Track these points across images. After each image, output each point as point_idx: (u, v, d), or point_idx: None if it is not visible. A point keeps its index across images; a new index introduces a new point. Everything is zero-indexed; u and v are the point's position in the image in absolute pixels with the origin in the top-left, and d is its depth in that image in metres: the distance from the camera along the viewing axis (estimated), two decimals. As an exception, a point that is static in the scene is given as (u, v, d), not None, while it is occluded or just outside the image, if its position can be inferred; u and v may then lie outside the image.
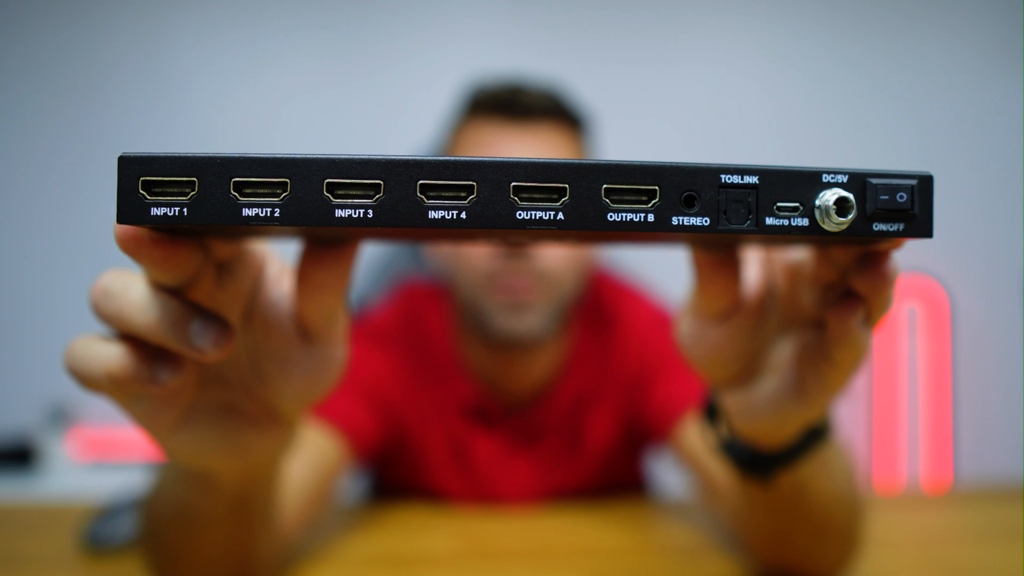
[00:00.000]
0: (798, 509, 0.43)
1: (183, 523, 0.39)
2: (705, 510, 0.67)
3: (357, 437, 0.66)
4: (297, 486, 0.52)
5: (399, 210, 0.23)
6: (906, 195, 0.24)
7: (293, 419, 0.35)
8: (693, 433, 0.63)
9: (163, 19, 1.50)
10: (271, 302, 0.32)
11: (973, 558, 0.58)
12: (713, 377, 0.37)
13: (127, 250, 0.25)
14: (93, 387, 0.28)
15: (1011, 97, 1.62)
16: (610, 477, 0.78)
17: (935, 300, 1.57)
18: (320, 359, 0.33)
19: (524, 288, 0.69)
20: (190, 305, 0.28)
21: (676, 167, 0.24)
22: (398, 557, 0.56)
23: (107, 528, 0.56)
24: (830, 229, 0.24)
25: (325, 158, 0.23)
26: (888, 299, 0.29)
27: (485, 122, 0.72)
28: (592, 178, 0.23)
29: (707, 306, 0.33)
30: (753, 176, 0.24)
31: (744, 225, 0.24)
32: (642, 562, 0.56)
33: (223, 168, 0.23)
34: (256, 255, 0.32)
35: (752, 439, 0.38)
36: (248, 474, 0.36)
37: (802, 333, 0.34)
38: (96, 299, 0.28)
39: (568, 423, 0.77)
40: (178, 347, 0.27)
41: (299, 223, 0.23)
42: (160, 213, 0.23)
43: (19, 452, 1.40)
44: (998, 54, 1.62)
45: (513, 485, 0.75)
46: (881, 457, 1.55)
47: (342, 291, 0.30)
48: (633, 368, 0.76)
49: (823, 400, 0.34)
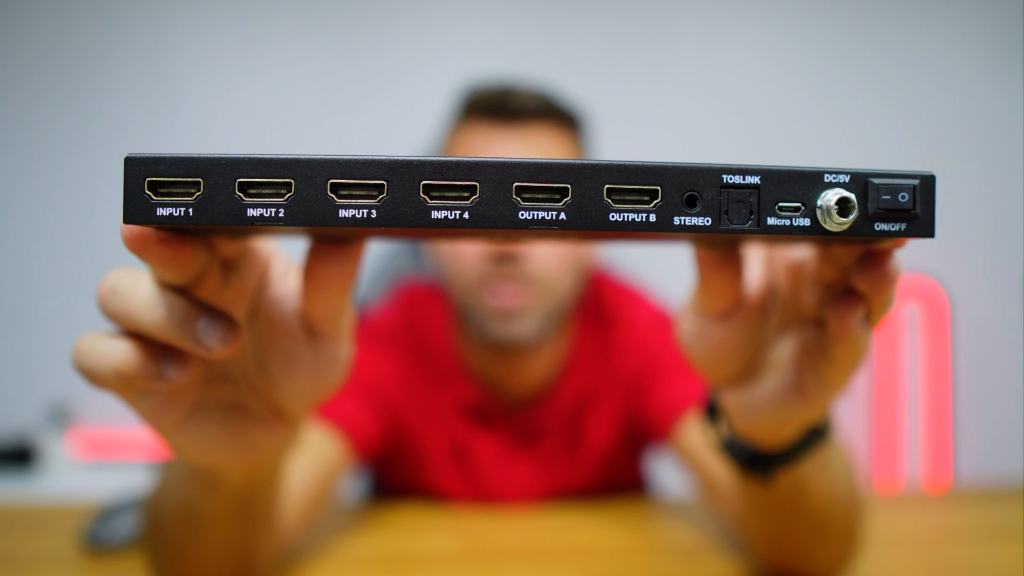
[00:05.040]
0: (798, 509, 0.43)
1: (186, 522, 0.39)
2: (705, 510, 0.67)
3: (358, 437, 0.66)
4: (298, 486, 0.52)
5: (402, 210, 0.23)
6: (908, 195, 0.24)
7: (298, 417, 0.35)
8: (693, 433, 0.63)
9: (168, 21, 1.50)
10: (277, 300, 0.32)
11: (973, 558, 0.58)
12: (714, 376, 0.37)
13: (134, 249, 0.25)
14: (100, 384, 0.28)
15: (1012, 97, 1.62)
16: (610, 477, 0.78)
17: (935, 300, 1.57)
18: (326, 357, 0.33)
19: (515, 294, 0.69)
20: (196, 303, 0.28)
21: (678, 167, 0.24)
22: (398, 557, 0.56)
23: (107, 528, 0.56)
24: (832, 229, 0.24)
25: (329, 159, 0.23)
26: (889, 298, 0.29)
27: (477, 124, 0.73)
28: (594, 178, 0.23)
29: (709, 304, 0.33)
30: (755, 176, 0.24)
31: (746, 225, 0.24)
32: (642, 562, 0.56)
33: (228, 169, 0.23)
34: (262, 253, 0.32)
35: (752, 438, 0.39)
36: (252, 472, 0.36)
37: (803, 332, 0.34)
38: (103, 297, 0.28)
39: (568, 423, 0.77)
40: (185, 344, 0.27)
41: (303, 223, 0.23)
42: (166, 213, 0.23)
43: (19, 452, 1.40)
44: (999, 54, 1.63)
45: (513, 485, 0.75)
46: (881, 457, 1.55)
47: (348, 289, 0.31)
48: (633, 368, 0.76)
49: (823, 399, 0.34)
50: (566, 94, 0.77)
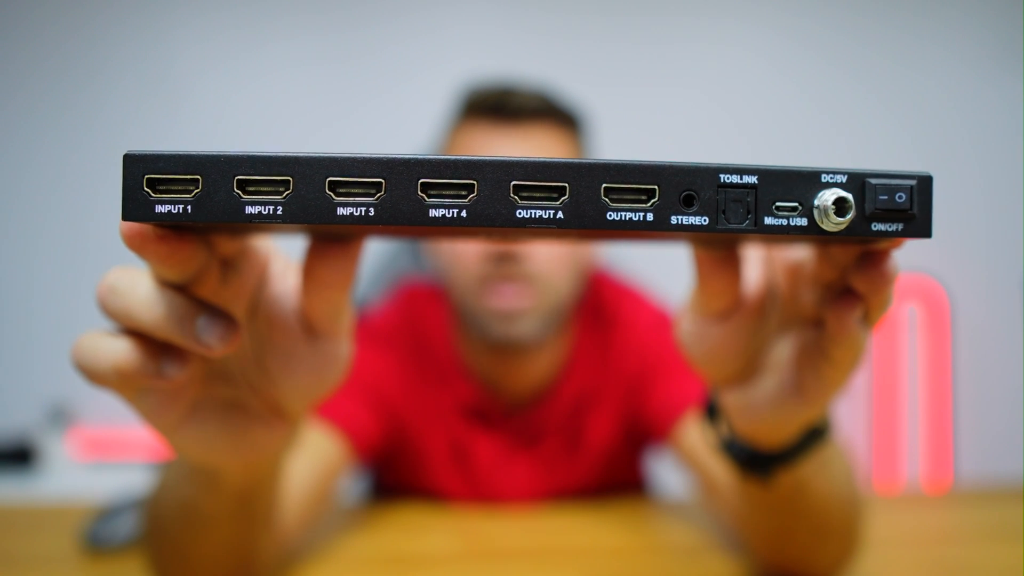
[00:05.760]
0: (798, 509, 0.43)
1: (187, 521, 0.39)
2: (705, 510, 0.67)
3: (358, 437, 0.66)
4: (298, 486, 0.52)
5: (400, 208, 0.23)
6: (905, 195, 0.24)
7: (298, 416, 0.35)
8: (693, 433, 0.63)
9: (166, 19, 1.50)
10: (276, 298, 0.32)
11: (973, 558, 0.58)
12: (713, 376, 0.37)
13: (133, 247, 0.25)
14: (100, 382, 0.28)
15: (1011, 96, 1.62)
16: (610, 477, 0.78)
17: (935, 300, 1.57)
18: (325, 356, 0.33)
19: (515, 295, 0.69)
20: (196, 301, 0.28)
21: (675, 167, 0.24)
22: (398, 557, 0.56)
23: (107, 528, 0.56)
24: (829, 229, 0.24)
25: (327, 157, 0.23)
26: (887, 298, 0.29)
27: (476, 124, 0.73)
28: (592, 177, 0.23)
29: (708, 304, 0.33)
30: (752, 176, 0.24)
31: (743, 225, 0.24)
32: (642, 562, 0.56)
33: (227, 166, 0.23)
34: (261, 251, 0.32)
35: (752, 438, 0.39)
36: (252, 471, 0.37)
37: (802, 332, 0.34)
38: (103, 296, 0.28)
39: (568, 423, 0.77)
40: (184, 342, 0.27)
41: (301, 221, 0.23)
42: (165, 210, 0.23)
43: (19, 452, 1.40)
44: (998, 53, 1.63)
45: (513, 485, 0.75)
46: (881, 457, 1.55)
47: (348, 287, 0.31)
48: (633, 368, 0.76)
49: (822, 399, 0.34)
50: (566, 94, 0.77)
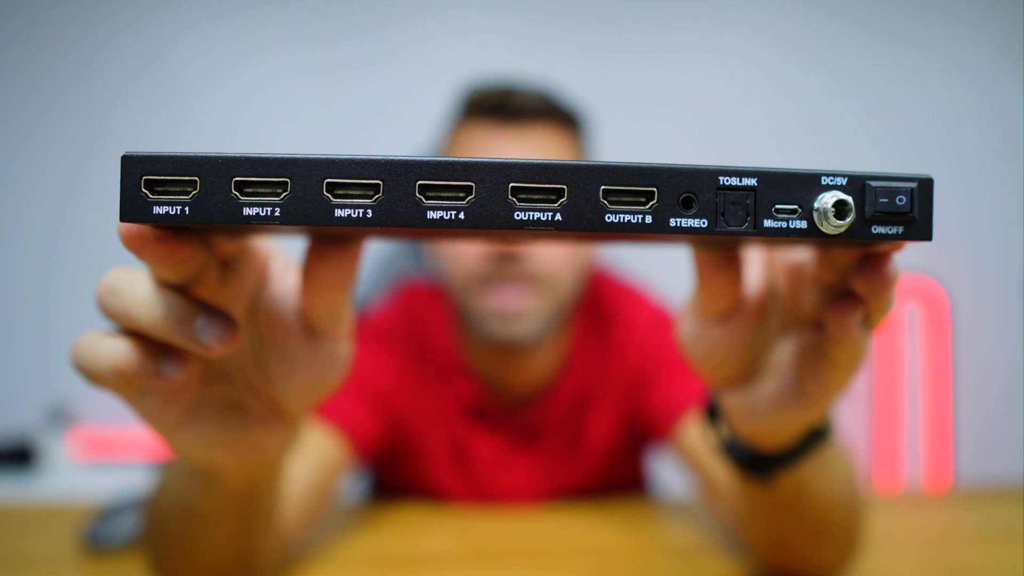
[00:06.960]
0: (798, 510, 0.43)
1: (187, 521, 0.39)
2: (706, 510, 0.67)
3: (358, 437, 0.66)
4: (298, 485, 0.52)
5: (398, 210, 0.23)
6: (905, 198, 0.24)
7: (298, 416, 0.35)
8: (694, 433, 0.63)
9: (164, 19, 1.50)
10: (275, 298, 0.32)
11: (973, 558, 0.58)
12: (714, 377, 0.37)
13: (131, 248, 0.25)
14: (99, 382, 0.29)
15: (1011, 97, 1.62)
16: (610, 477, 0.78)
17: (935, 300, 1.57)
18: (325, 356, 0.33)
19: (516, 295, 0.69)
20: (195, 301, 0.28)
21: (674, 169, 0.24)
22: (398, 557, 0.56)
23: (107, 528, 0.56)
24: (828, 232, 0.24)
25: (325, 158, 0.23)
26: (888, 301, 0.29)
27: (477, 124, 0.73)
28: (590, 179, 0.23)
29: (708, 306, 0.33)
30: (751, 178, 0.24)
31: (742, 227, 0.24)
32: (642, 562, 0.56)
33: (224, 167, 0.23)
34: (260, 251, 0.32)
35: (753, 440, 0.39)
36: (252, 471, 0.36)
37: (803, 334, 0.34)
38: (102, 296, 0.28)
39: (568, 423, 0.77)
40: (183, 343, 0.27)
41: (299, 223, 0.23)
42: (162, 212, 0.23)
43: (19, 452, 1.40)
44: (998, 54, 1.62)
45: (513, 485, 0.75)
46: (881, 457, 1.55)
47: (347, 287, 0.31)
48: (633, 367, 0.76)
49: (823, 401, 0.34)
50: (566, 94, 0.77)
